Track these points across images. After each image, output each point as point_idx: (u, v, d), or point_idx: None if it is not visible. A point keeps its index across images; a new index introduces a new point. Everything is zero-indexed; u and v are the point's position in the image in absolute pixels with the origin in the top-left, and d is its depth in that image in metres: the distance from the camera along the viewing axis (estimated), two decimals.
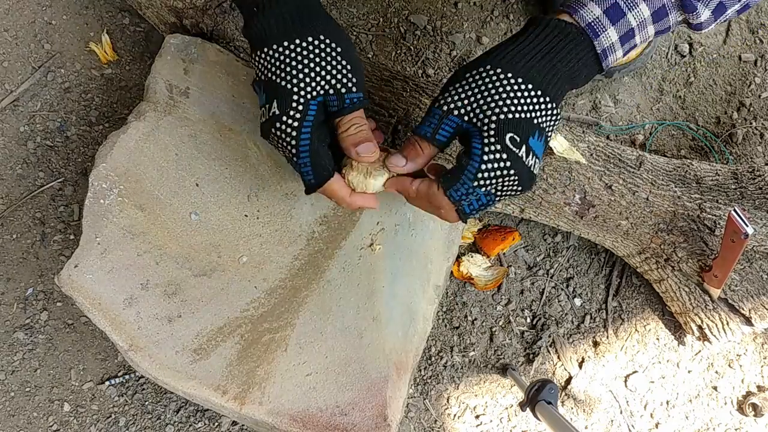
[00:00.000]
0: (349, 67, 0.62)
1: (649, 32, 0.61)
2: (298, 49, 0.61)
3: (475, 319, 1.00)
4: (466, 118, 0.59)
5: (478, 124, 0.58)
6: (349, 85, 0.62)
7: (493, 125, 0.57)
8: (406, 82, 0.86)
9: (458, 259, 0.99)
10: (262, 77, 0.63)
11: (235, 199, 0.80)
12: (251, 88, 0.65)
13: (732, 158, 1.05)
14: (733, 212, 0.75)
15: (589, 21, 0.59)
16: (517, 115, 0.57)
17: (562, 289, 1.01)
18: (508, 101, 0.57)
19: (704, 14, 0.60)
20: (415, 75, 1.07)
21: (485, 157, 0.57)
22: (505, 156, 0.57)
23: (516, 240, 1.01)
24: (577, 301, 1.01)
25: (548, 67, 0.58)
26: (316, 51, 0.61)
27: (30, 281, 1.00)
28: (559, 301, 1.01)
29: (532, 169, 0.59)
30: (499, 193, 0.59)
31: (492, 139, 0.57)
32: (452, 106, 0.59)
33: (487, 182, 0.58)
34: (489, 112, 0.57)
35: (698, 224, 0.86)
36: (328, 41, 0.62)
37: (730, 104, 1.08)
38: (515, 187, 0.59)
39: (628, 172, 0.85)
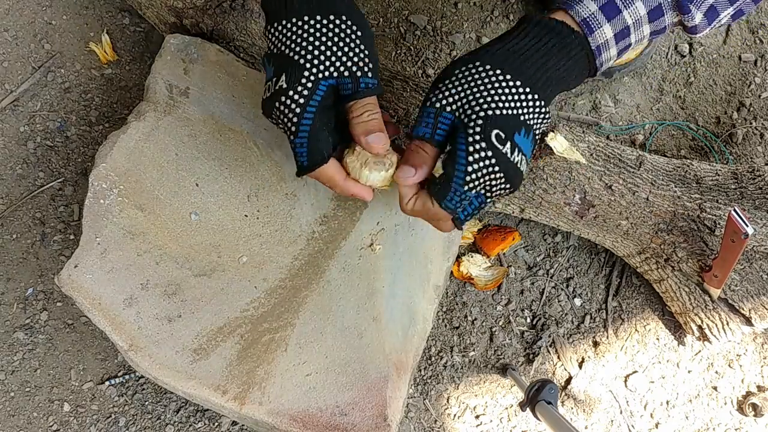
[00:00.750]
0: (366, 52, 0.60)
1: (644, 31, 0.61)
2: (318, 26, 0.59)
3: (475, 319, 1.00)
4: (456, 114, 0.58)
5: (465, 120, 0.57)
6: (365, 69, 0.60)
7: (480, 121, 0.57)
8: (406, 82, 0.86)
9: (458, 259, 0.99)
10: (275, 50, 0.61)
11: (235, 199, 0.80)
12: (251, 87, 0.65)
13: (732, 158, 1.05)
14: (733, 212, 0.75)
15: (585, 16, 0.59)
16: (504, 111, 0.57)
17: (562, 289, 1.01)
18: (496, 97, 0.57)
19: (697, 17, 0.60)
20: (415, 75, 1.07)
21: (470, 158, 0.56)
22: (490, 153, 0.56)
23: (516, 240, 1.01)
24: (577, 301, 1.01)
25: (538, 64, 0.58)
26: (336, 30, 0.59)
27: (30, 281, 1.00)
28: (559, 301, 1.01)
29: (518, 165, 0.58)
30: (489, 193, 0.59)
31: (477, 137, 0.56)
32: (444, 102, 0.59)
33: (476, 182, 0.58)
34: (477, 108, 0.57)
35: (698, 224, 0.86)
36: (349, 23, 0.60)
37: (730, 104, 1.08)
38: (503, 185, 0.59)
39: (628, 172, 0.85)
